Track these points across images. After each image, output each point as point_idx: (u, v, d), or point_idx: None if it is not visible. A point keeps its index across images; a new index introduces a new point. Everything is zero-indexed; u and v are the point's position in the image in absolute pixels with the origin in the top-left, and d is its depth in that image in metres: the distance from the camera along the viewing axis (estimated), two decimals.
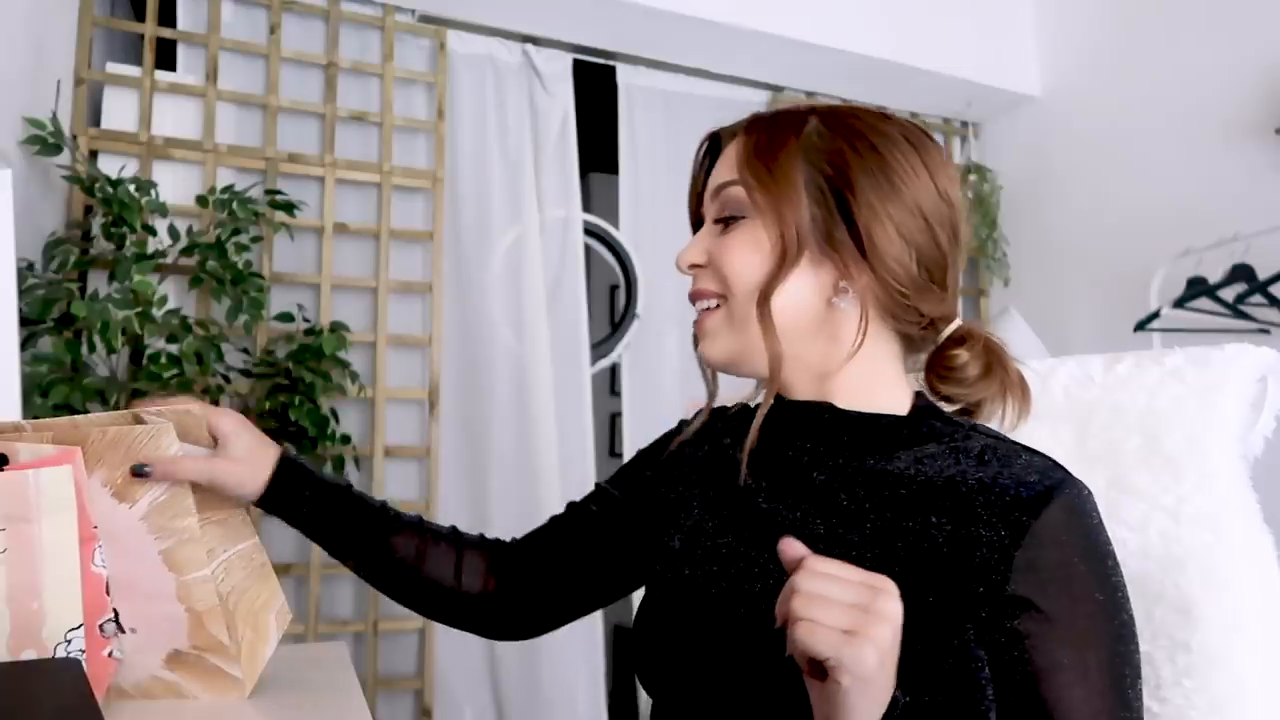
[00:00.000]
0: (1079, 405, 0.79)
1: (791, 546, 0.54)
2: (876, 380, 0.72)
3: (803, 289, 0.69)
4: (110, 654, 0.79)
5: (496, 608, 0.91)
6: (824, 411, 0.71)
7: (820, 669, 0.51)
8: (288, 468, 0.84)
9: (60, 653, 0.74)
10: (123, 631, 0.80)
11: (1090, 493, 0.64)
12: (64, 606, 0.74)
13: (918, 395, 0.74)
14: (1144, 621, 0.71)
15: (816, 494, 0.69)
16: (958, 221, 0.72)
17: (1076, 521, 0.62)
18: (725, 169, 0.74)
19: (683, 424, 0.89)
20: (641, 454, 0.91)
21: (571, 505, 0.92)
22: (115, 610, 0.78)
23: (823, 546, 0.66)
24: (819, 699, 0.53)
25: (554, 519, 0.93)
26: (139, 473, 0.75)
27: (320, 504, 0.85)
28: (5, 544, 0.73)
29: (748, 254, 0.70)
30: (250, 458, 0.81)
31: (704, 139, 0.79)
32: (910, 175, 0.69)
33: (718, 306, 0.72)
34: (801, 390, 0.73)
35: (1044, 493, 0.62)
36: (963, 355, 0.72)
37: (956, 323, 0.73)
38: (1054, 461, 0.66)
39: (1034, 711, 0.60)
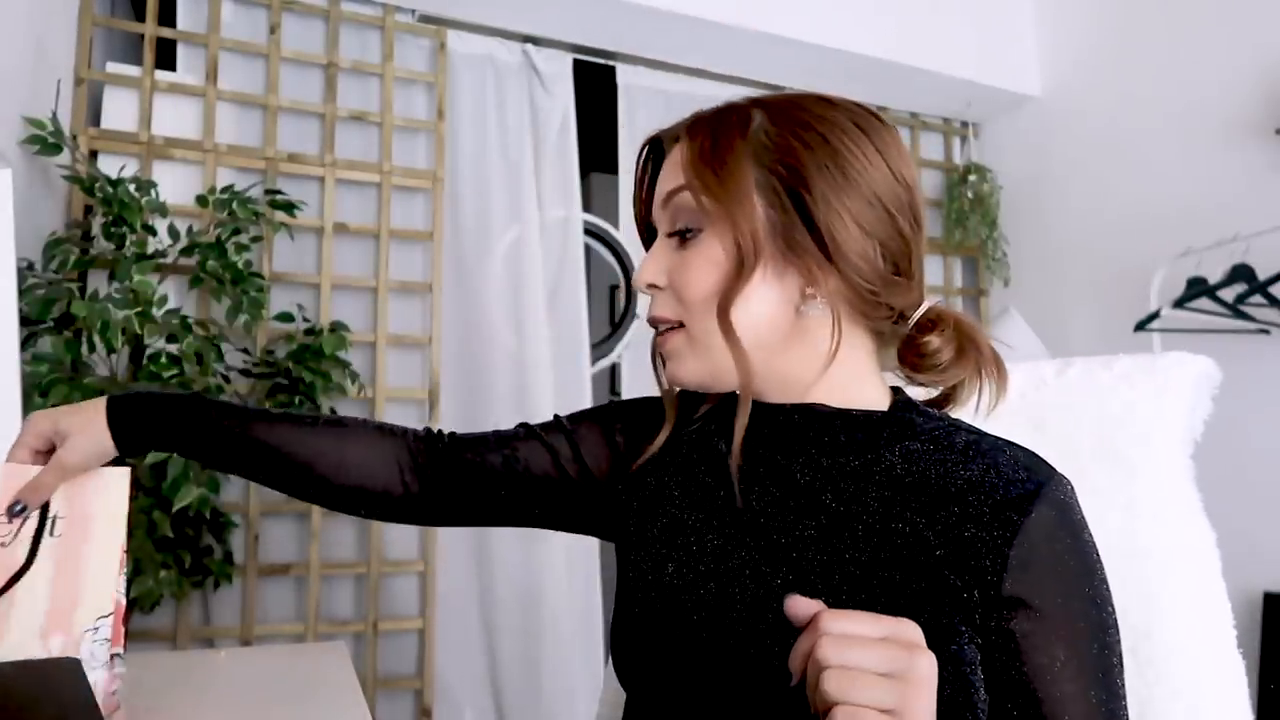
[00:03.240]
0: (1034, 406, 0.83)
1: (798, 605, 0.48)
2: (854, 380, 0.69)
3: (768, 300, 0.66)
4: (114, 692, 0.78)
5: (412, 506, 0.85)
6: (804, 413, 0.69)
7: None
8: (118, 406, 0.78)
9: (88, 640, 0.75)
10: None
11: (1073, 487, 0.64)
12: (99, 595, 0.76)
13: (895, 391, 0.72)
14: None
15: (803, 496, 0.67)
16: (917, 204, 0.68)
17: (1065, 517, 0.62)
18: (671, 175, 0.70)
19: (653, 400, 0.84)
20: (615, 413, 0.84)
21: (528, 431, 0.85)
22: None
23: (813, 551, 0.65)
24: None
25: (508, 437, 0.85)
26: (15, 512, 0.75)
27: (169, 418, 0.79)
28: (63, 529, 0.76)
29: (706, 272, 0.67)
30: (83, 428, 0.77)
31: (644, 144, 0.77)
32: (864, 163, 0.66)
33: (680, 327, 0.69)
34: (780, 397, 0.70)
35: (1033, 490, 0.61)
36: (934, 341, 0.69)
37: (925, 307, 0.69)
38: (1038, 456, 0.65)
39: (1029, 708, 0.59)
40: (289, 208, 1.87)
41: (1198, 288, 1.98)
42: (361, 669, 1.98)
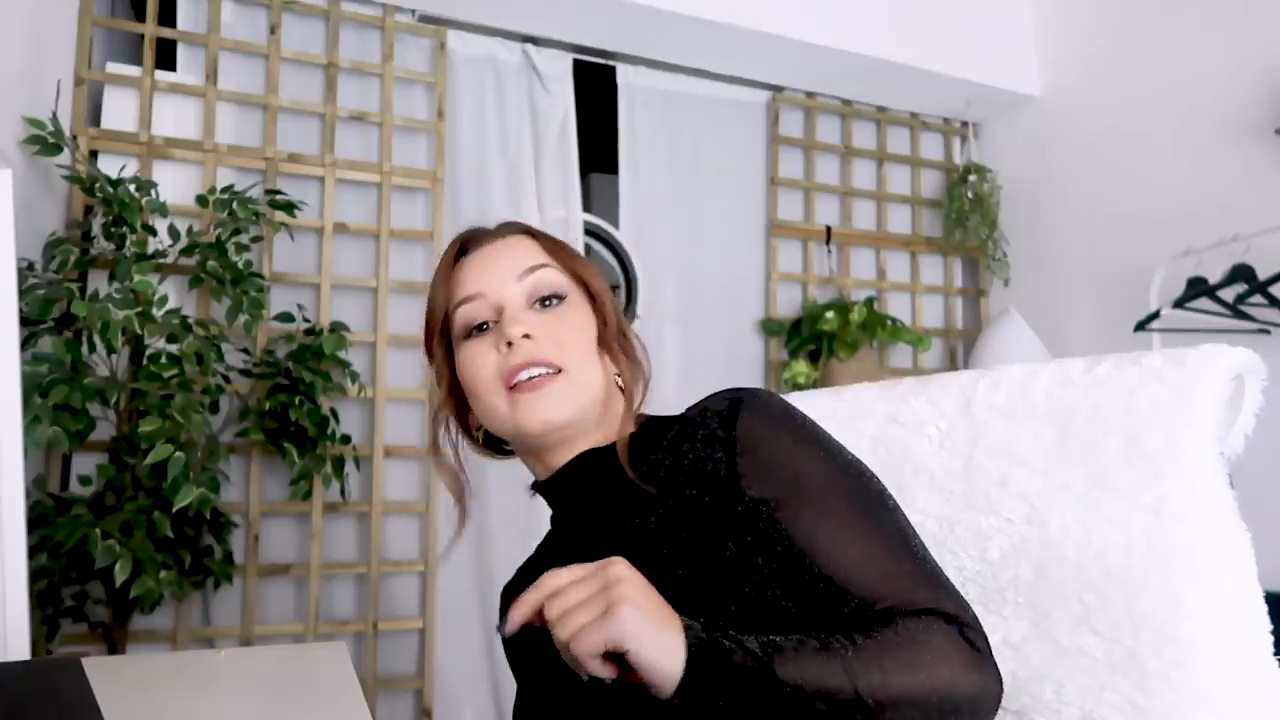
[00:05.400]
0: (1060, 405, 0.80)
1: (518, 607, 0.59)
2: (619, 420, 0.81)
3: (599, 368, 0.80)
4: None
5: None
6: (593, 459, 0.78)
7: (616, 660, 0.56)
8: None
9: None
10: None
11: (774, 393, 0.76)
12: None
13: (641, 417, 0.83)
14: (1127, 613, 0.72)
15: (622, 529, 0.76)
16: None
17: (767, 413, 0.73)
18: (523, 255, 0.82)
19: (509, 590, 0.91)
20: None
21: None
22: None
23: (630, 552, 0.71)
24: (629, 673, 0.57)
25: None
26: None
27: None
28: None
29: (581, 329, 0.80)
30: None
31: (454, 245, 0.85)
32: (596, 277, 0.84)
33: (556, 373, 0.76)
34: (574, 447, 0.79)
35: (731, 405, 0.73)
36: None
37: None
38: (734, 387, 0.77)
39: (823, 583, 0.65)
40: (289, 208, 1.87)
41: (1198, 288, 1.98)
42: (361, 669, 1.98)
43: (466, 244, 0.84)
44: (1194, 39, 2.27)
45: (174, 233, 1.76)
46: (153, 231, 1.73)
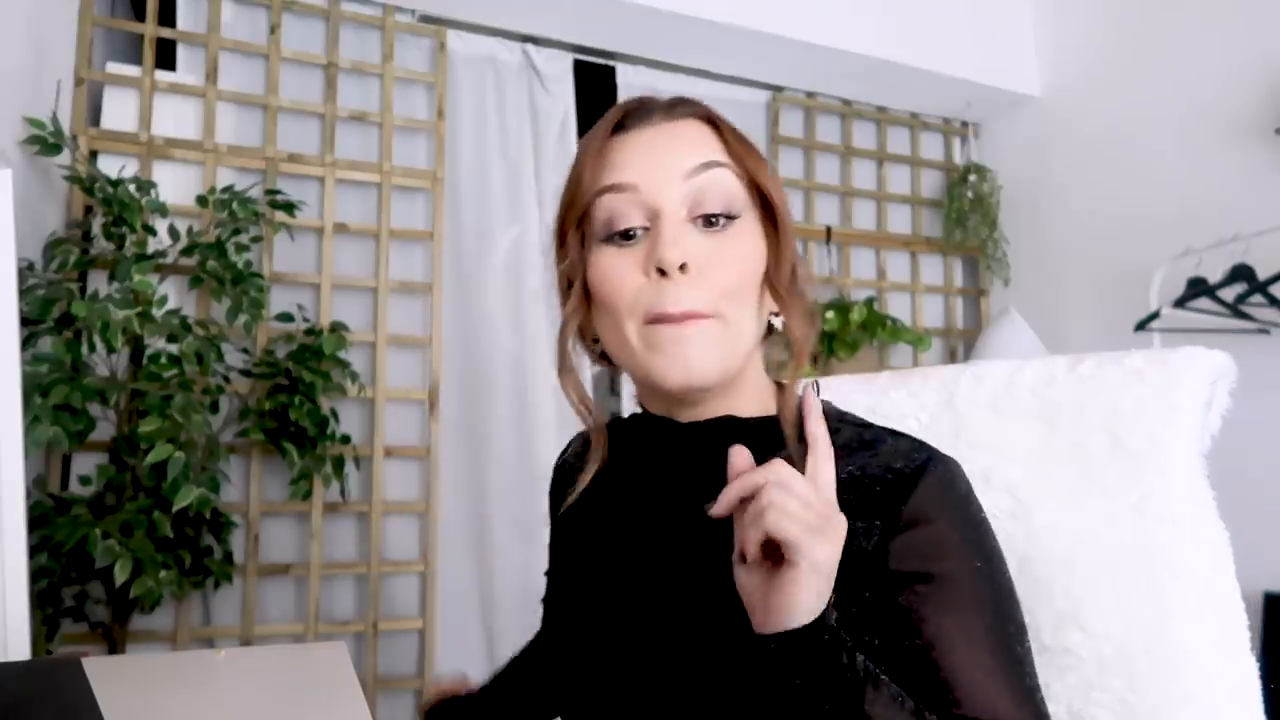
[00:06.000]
0: (1046, 403, 0.80)
1: (741, 454, 0.56)
2: (765, 384, 0.71)
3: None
4: None
5: None
6: (729, 426, 0.68)
7: (775, 555, 0.53)
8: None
9: None
10: None
11: (957, 464, 0.65)
12: None
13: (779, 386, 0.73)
14: (1114, 612, 0.73)
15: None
16: None
17: (946, 496, 0.63)
18: (698, 146, 0.66)
19: (565, 462, 0.88)
20: (551, 515, 0.90)
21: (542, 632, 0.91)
22: None
23: (715, 543, 0.64)
24: (761, 585, 0.55)
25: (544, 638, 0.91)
26: None
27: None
28: None
29: (751, 263, 0.65)
30: None
31: (614, 114, 0.69)
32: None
33: (708, 317, 0.64)
34: (709, 401, 0.68)
35: (911, 474, 0.63)
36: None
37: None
38: (919, 441, 0.66)
39: (930, 681, 0.59)
40: (289, 208, 1.87)
41: (1198, 288, 1.98)
42: (361, 669, 1.98)
43: (628, 116, 0.69)
44: (1194, 39, 2.27)
45: (174, 233, 1.76)
46: (152, 231, 1.73)
